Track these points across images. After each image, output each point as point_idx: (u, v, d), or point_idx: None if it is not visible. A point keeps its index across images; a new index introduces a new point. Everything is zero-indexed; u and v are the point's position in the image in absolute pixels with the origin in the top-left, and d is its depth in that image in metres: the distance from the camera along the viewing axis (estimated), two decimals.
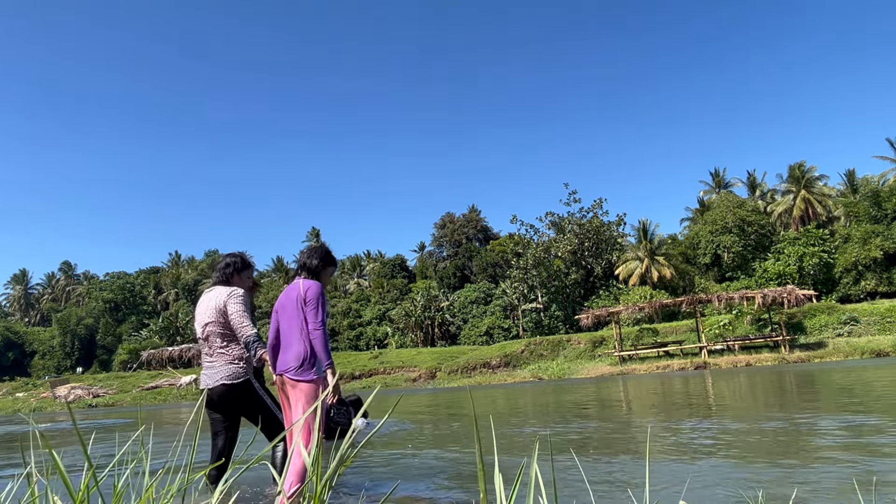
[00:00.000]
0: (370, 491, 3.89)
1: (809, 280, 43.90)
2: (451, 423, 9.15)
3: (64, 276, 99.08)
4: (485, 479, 0.95)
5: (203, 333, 3.99)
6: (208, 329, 3.95)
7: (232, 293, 3.96)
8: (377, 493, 3.79)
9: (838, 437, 5.19)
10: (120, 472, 1.28)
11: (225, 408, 3.97)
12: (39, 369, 73.87)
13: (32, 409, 37.90)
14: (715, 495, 3.19)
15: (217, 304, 3.95)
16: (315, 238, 78.81)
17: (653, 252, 50.50)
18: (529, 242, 54.39)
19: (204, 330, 3.98)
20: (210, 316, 3.95)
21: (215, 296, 4.01)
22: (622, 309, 34.72)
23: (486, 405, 13.57)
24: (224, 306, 3.92)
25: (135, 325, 74.75)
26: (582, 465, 4.41)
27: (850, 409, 7.52)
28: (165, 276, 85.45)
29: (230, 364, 3.92)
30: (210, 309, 3.97)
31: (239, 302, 3.92)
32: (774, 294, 29.96)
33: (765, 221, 50.95)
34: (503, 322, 53.55)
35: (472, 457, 5.33)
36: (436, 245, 75.88)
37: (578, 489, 3.53)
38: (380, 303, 63.61)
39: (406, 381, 39.49)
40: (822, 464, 3.96)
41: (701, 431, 6.13)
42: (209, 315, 3.96)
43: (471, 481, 4.11)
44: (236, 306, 3.89)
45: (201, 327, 3.99)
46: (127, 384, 45.35)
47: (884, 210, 43.16)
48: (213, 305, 3.97)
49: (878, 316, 31.28)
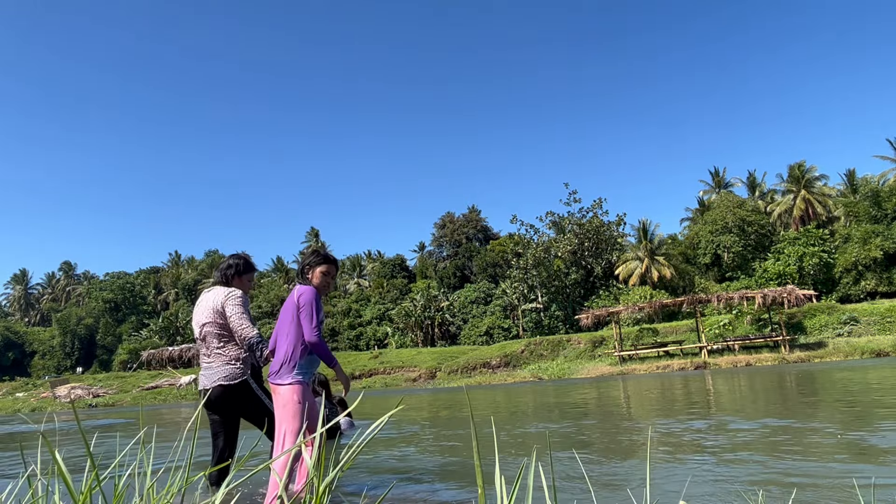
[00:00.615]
0: (373, 490, 3.89)
1: (809, 280, 43.90)
2: (452, 423, 9.16)
3: (64, 276, 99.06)
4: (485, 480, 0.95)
5: (200, 334, 3.98)
6: (205, 329, 3.94)
7: (230, 294, 3.95)
8: (377, 493, 3.79)
9: (839, 437, 5.19)
10: (121, 472, 1.28)
11: (223, 409, 3.96)
12: (39, 369, 73.87)
13: (32, 409, 37.90)
14: (715, 494, 3.19)
15: (215, 305, 3.94)
16: (314, 238, 78.81)
17: (653, 252, 50.49)
18: (529, 242, 54.38)
19: (201, 330, 3.96)
20: (207, 316, 3.95)
21: (213, 296, 4.01)
22: (622, 309, 34.71)
23: (486, 405, 13.57)
24: (222, 307, 3.92)
25: (135, 325, 74.76)
26: (582, 465, 4.41)
27: (850, 408, 7.53)
28: (165, 276, 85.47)
29: (227, 365, 3.91)
30: (208, 309, 3.96)
31: (238, 304, 3.91)
32: (774, 294, 29.95)
33: (765, 221, 50.94)
34: (503, 322, 53.56)
35: (472, 457, 5.34)
36: (436, 245, 75.89)
37: (579, 489, 3.53)
38: (380, 303, 63.61)
39: (406, 381, 39.48)
40: (823, 464, 3.96)
41: (701, 431, 6.13)
42: (206, 315, 3.95)
43: (471, 481, 4.11)
44: (235, 308, 3.89)
45: (199, 327, 3.98)
46: (127, 384, 45.36)
47: (884, 210, 43.16)
48: (210, 306, 3.96)
49: (878, 316, 31.28)
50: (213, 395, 3.90)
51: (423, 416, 11.05)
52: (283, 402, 3.35)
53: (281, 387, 3.37)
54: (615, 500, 3.23)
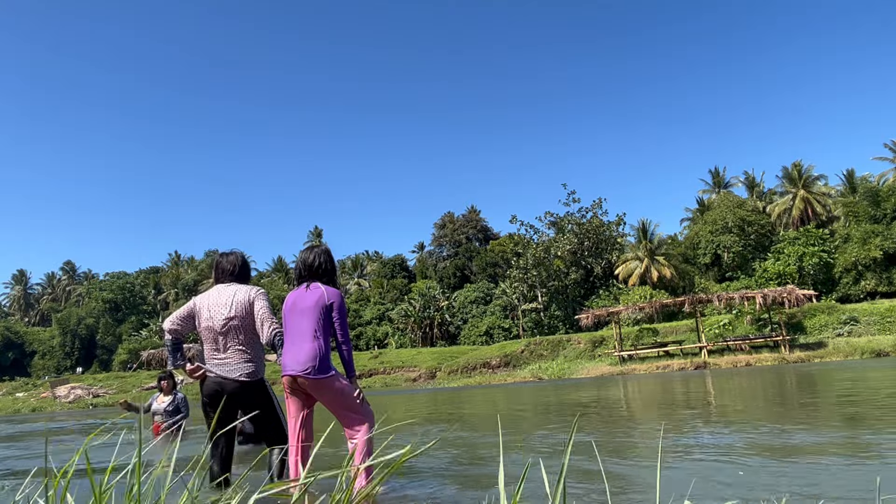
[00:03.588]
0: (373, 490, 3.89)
1: (809, 280, 43.91)
2: (451, 424, 9.16)
3: (66, 275, 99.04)
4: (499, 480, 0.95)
5: (223, 328, 3.85)
6: (232, 323, 3.85)
7: (260, 290, 3.99)
8: (378, 493, 3.79)
9: (839, 436, 5.20)
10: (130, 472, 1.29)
11: (235, 405, 3.90)
12: (39, 369, 73.87)
13: (32, 409, 37.88)
14: (719, 495, 3.19)
15: (244, 299, 3.89)
16: (317, 237, 78.78)
17: (653, 252, 50.51)
18: (529, 242, 54.39)
19: (226, 324, 3.85)
20: (235, 311, 3.86)
21: (238, 290, 3.96)
22: (622, 309, 34.73)
23: (486, 405, 13.58)
24: (251, 302, 3.90)
25: (135, 325, 74.78)
26: (583, 465, 4.42)
27: (852, 408, 7.53)
28: (165, 276, 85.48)
29: (248, 362, 3.87)
30: (238, 303, 3.88)
31: (267, 299, 3.96)
32: (774, 294, 29.97)
33: (765, 221, 50.94)
34: (503, 322, 53.57)
35: (473, 457, 5.34)
36: (436, 245, 75.90)
37: (578, 490, 3.53)
38: (380, 303, 63.63)
39: (406, 381, 39.51)
40: (823, 463, 3.96)
41: (702, 431, 6.14)
42: (234, 310, 3.87)
43: (473, 482, 4.12)
44: (265, 303, 3.92)
45: (224, 321, 3.85)
46: (127, 384, 45.37)
47: (883, 210, 43.17)
48: (240, 300, 3.90)
49: (878, 316, 31.30)
50: (229, 388, 3.82)
51: (423, 416, 11.06)
52: (343, 391, 3.54)
53: (324, 379, 3.48)
54: (616, 500, 3.23)
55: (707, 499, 3.11)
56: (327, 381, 3.49)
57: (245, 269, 4.19)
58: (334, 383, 3.52)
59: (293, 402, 3.63)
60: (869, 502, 2.85)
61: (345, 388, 3.55)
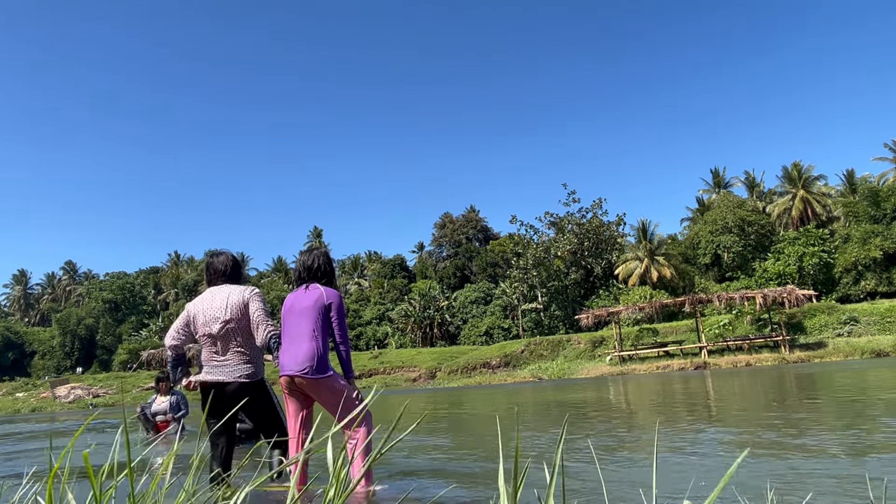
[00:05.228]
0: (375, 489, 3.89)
1: (809, 280, 43.90)
2: (453, 423, 9.17)
3: (67, 275, 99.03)
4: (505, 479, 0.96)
5: (220, 331, 3.83)
6: (229, 326, 3.82)
7: (254, 291, 3.93)
8: (378, 492, 3.79)
9: (840, 436, 5.20)
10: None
11: (233, 406, 3.85)
12: (39, 369, 73.85)
13: (32, 409, 37.90)
14: (720, 494, 3.20)
15: (239, 301, 3.86)
16: (317, 238, 78.76)
17: (653, 252, 50.49)
18: (529, 242, 54.38)
19: (223, 327, 3.83)
20: (231, 313, 3.83)
21: (231, 292, 3.91)
22: (622, 309, 34.74)
23: (486, 406, 13.58)
24: (246, 304, 3.86)
25: (135, 325, 74.76)
26: (583, 465, 4.42)
27: (852, 408, 7.54)
28: (165, 276, 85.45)
29: (248, 363, 3.85)
30: (232, 306, 3.85)
31: (262, 300, 3.92)
32: (774, 294, 29.97)
33: (765, 221, 50.92)
34: (503, 322, 53.56)
35: (473, 457, 5.35)
36: (435, 245, 75.88)
37: (579, 489, 3.54)
38: (380, 303, 63.63)
39: (406, 382, 39.51)
40: (822, 464, 3.97)
41: (702, 431, 6.14)
42: (230, 312, 3.83)
43: (473, 481, 4.12)
44: (260, 304, 3.87)
45: (220, 324, 3.82)
46: (127, 384, 45.39)
47: (883, 210, 43.16)
48: (234, 301, 3.86)
49: (878, 316, 31.30)
50: (229, 390, 3.81)
51: (424, 415, 11.06)
52: (340, 391, 3.55)
53: (322, 379, 3.51)
54: (616, 500, 3.24)
55: (705, 498, 3.11)
56: (325, 381, 3.50)
57: (237, 269, 4.12)
58: (332, 383, 3.54)
59: (292, 403, 3.65)
60: (866, 501, 2.85)
61: (343, 388, 3.57)
